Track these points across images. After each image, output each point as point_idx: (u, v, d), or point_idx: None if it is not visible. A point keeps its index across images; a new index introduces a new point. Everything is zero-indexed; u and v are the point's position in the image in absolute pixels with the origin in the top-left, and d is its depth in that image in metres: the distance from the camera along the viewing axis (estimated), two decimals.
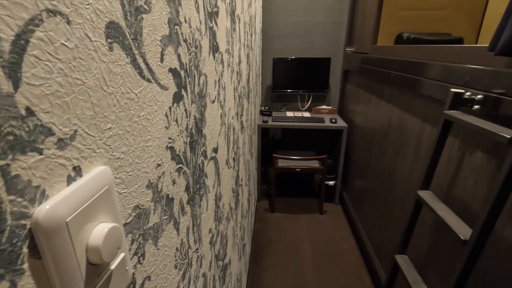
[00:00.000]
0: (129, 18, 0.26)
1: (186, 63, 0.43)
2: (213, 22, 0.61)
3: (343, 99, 2.61)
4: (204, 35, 0.54)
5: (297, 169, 2.22)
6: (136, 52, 0.28)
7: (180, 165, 0.42)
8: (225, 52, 0.77)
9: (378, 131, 1.78)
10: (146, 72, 0.30)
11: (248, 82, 1.44)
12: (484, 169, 0.87)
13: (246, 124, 1.40)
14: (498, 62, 0.82)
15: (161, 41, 0.34)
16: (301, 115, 2.50)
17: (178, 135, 0.41)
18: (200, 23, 0.51)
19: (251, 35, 1.53)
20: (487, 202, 0.71)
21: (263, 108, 2.49)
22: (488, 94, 0.83)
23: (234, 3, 0.89)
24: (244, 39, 1.23)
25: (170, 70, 0.37)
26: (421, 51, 1.28)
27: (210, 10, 0.58)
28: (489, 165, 0.86)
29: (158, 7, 0.33)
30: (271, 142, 2.85)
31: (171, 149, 0.38)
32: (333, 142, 2.68)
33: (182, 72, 0.42)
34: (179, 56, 0.40)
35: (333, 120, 2.31)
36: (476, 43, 2.34)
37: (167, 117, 0.37)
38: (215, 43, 0.63)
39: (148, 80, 0.31)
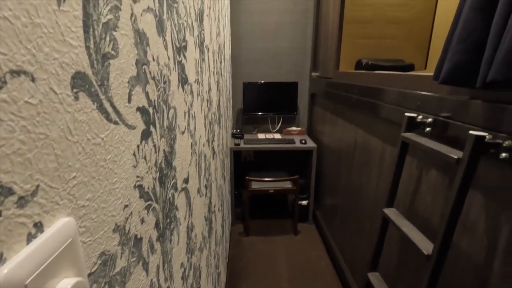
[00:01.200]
0: (96, 66, 0.27)
1: (154, 100, 0.44)
2: (182, 56, 0.63)
3: (312, 120, 2.73)
4: (173, 69, 0.55)
5: (270, 191, 2.24)
6: (103, 97, 0.28)
7: (149, 202, 0.42)
8: (195, 82, 0.79)
9: (345, 151, 1.87)
10: (113, 115, 0.30)
11: (219, 108, 1.46)
12: (439, 186, 0.95)
13: (218, 149, 1.40)
14: (443, 89, 0.92)
15: (128, 82, 0.34)
16: (272, 136, 2.56)
17: (146, 172, 0.41)
18: (169, 59, 0.52)
19: (221, 62, 1.58)
20: (443, 217, 0.77)
21: (234, 131, 2.52)
22: (437, 117, 0.92)
23: (202, 35, 0.92)
24: (214, 67, 1.26)
25: (138, 109, 0.37)
26: (378, 77, 1.39)
27: (178, 45, 0.60)
28: (443, 182, 0.93)
29: (125, 50, 0.33)
30: (244, 164, 2.85)
31: (140, 187, 0.38)
32: (304, 162, 2.75)
33: (150, 109, 0.42)
34: (147, 94, 0.41)
35: (303, 141, 2.38)
36: (425, 68, 2.60)
37: (135, 155, 0.36)
38: (184, 76, 0.65)
39: (115, 123, 0.31)
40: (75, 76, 0.24)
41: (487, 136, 0.69)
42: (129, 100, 0.35)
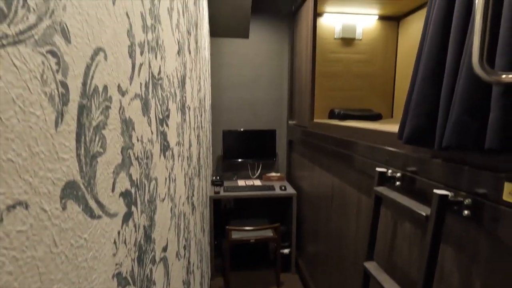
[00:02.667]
0: (84, 169, 0.29)
1: (137, 178, 0.45)
2: (164, 125, 0.66)
3: (290, 166, 2.79)
4: (156, 141, 0.58)
5: (251, 240, 2.18)
6: (88, 196, 0.29)
7: (127, 287, 0.40)
8: (176, 145, 0.81)
9: (324, 198, 1.90)
10: (96, 211, 0.31)
11: (199, 160, 1.48)
12: (414, 238, 0.98)
13: (197, 202, 1.38)
14: (407, 146, 1.01)
15: (114, 171, 0.36)
16: (252, 183, 2.56)
17: (126, 256, 0.40)
18: (152, 133, 0.55)
19: (201, 115, 1.63)
20: (420, 270, 0.78)
21: (214, 178, 2.50)
22: (404, 173, 0.98)
23: (184, 98, 0.97)
24: (195, 122, 1.30)
25: (121, 194, 0.38)
26: (350, 130, 1.49)
27: (161, 117, 0.63)
28: (417, 234, 0.97)
29: (112, 143, 0.36)
30: (224, 211, 2.79)
31: (118, 275, 0.37)
32: (285, 208, 2.74)
33: (133, 189, 0.43)
34: (130, 176, 0.42)
35: (283, 188, 2.41)
36: (392, 117, 2.82)
37: (116, 243, 0.36)
38: (166, 143, 0.67)
39: (98, 217, 0.32)
40: (65, 187, 0.25)
41: (449, 195, 0.75)
42: (113, 189, 0.36)
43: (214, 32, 2.52)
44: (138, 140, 0.46)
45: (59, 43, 0.24)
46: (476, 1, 0.58)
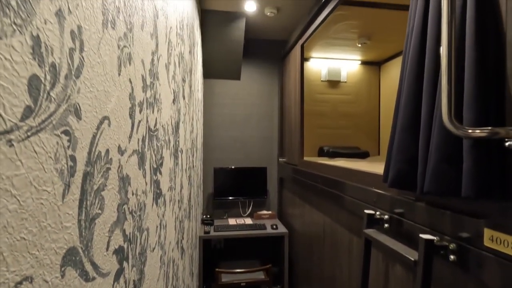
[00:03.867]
0: (83, 233, 0.30)
1: (130, 233, 0.46)
2: (158, 173, 0.68)
3: (282, 204, 2.78)
4: (149, 191, 0.59)
5: (242, 284, 2.08)
6: (85, 260, 0.31)
7: None
8: (168, 190, 0.82)
9: (316, 238, 1.88)
10: (91, 273, 0.32)
11: (190, 201, 1.47)
12: (405, 281, 0.98)
13: (187, 245, 1.35)
14: (393, 189, 1.04)
15: (109, 230, 0.37)
16: (243, 222, 2.52)
17: None
18: (146, 184, 0.57)
19: (193, 155, 1.66)
20: None
21: (204, 217, 2.46)
22: (392, 215, 1.01)
23: (177, 143, 1.00)
24: (186, 164, 1.32)
25: (115, 251, 0.39)
26: (339, 170, 1.54)
27: (155, 166, 0.65)
28: (408, 277, 0.97)
29: (109, 202, 0.37)
30: (214, 251, 2.69)
31: None
32: (276, 248, 2.67)
33: (125, 245, 0.44)
34: (124, 231, 0.43)
35: (274, 226, 2.37)
36: (379, 154, 2.91)
37: None
38: (158, 191, 0.69)
39: (92, 279, 0.32)
40: (65, 254, 0.26)
41: (435, 239, 0.77)
42: (107, 248, 0.37)
43: (207, 74, 2.65)
44: (133, 194, 0.48)
45: (71, 122, 0.27)
46: (442, 65, 0.65)
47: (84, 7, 0.29)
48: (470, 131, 0.59)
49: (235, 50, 2.43)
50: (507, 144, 0.59)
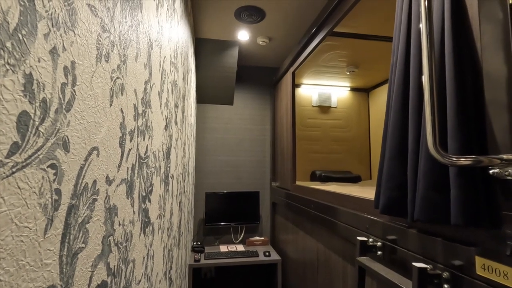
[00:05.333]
0: (64, 269, 0.29)
1: (114, 266, 0.44)
2: (147, 201, 0.67)
3: (274, 230, 2.72)
4: (137, 221, 0.58)
5: None
6: None
7: None
8: (157, 218, 0.80)
9: (309, 265, 1.83)
10: None
11: (180, 228, 1.43)
12: None
13: (175, 275, 1.29)
14: (385, 215, 1.04)
15: (92, 264, 0.36)
16: (235, 248, 2.45)
17: None
18: (134, 213, 0.55)
19: (184, 179, 1.64)
20: None
21: (195, 244, 2.38)
22: (384, 242, 1.00)
23: (168, 169, 1.00)
24: (177, 189, 1.30)
25: (97, 287, 0.38)
26: (332, 196, 1.53)
27: (144, 194, 0.64)
28: None
29: (94, 235, 0.36)
30: (204, 280, 2.58)
31: None
32: (269, 276, 2.58)
33: (109, 279, 0.42)
34: (108, 265, 0.41)
35: (267, 253, 2.31)
36: (370, 179, 2.92)
37: None
38: (146, 219, 0.67)
39: None
40: None
41: (428, 268, 0.76)
42: (89, 284, 0.35)
43: (200, 99, 2.69)
44: (119, 224, 0.46)
45: (59, 155, 0.27)
46: (425, 96, 0.68)
47: (79, 43, 0.31)
48: (454, 159, 0.61)
49: (228, 76, 2.49)
50: (491, 172, 0.60)
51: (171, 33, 0.98)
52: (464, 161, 0.60)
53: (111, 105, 0.41)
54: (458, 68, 0.69)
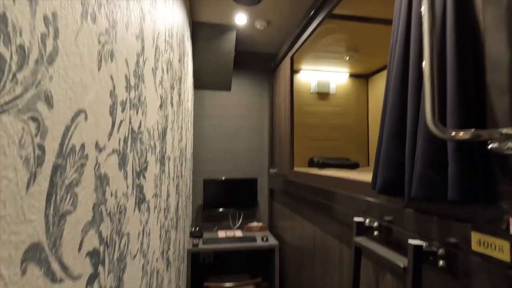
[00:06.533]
0: (51, 229, 0.28)
1: (107, 236, 0.44)
2: (141, 178, 0.66)
3: (272, 216, 2.74)
4: (131, 195, 0.57)
5: None
6: (51, 258, 0.28)
7: None
8: (153, 197, 0.80)
9: (306, 250, 1.85)
10: (59, 274, 0.30)
11: (177, 211, 1.43)
12: None
13: (173, 257, 1.30)
14: (382, 196, 1.04)
15: (82, 230, 0.35)
16: (233, 234, 2.47)
17: None
18: (127, 187, 0.55)
19: (181, 164, 1.63)
20: None
21: (193, 229, 2.40)
22: (381, 222, 1.00)
23: (164, 149, 0.99)
24: (174, 172, 1.29)
25: (88, 253, 0.37)
26: (329, 180, 1.53)
27: (138, 169, 0.63)
28: (398, 287, 0.95)
29: (84, 200, 0.35)
30: (203, 265, 2.61)
31: None
32: (267, 261, 2.61)
33: (101, 248, 0.41)
34: (100, 233, 0.41)
35: (264, 238, 2.33)
36: (368, 165, 2.93)
37: None
38: (141, 196, 0.66)
39: (60, 281, 0.30)
40: (27, 250, 0.25)
41: (424, 245, 0.76)
42: (80, 248, 0.35)
43: (198, 84, 2.65)
44: (112, 195, 0.46)
45: (41, 109, 0.26)
46: (425, 71, 0.67)
47: None
48: (453, 133, 0.60)
49: (225, 62, 2.46)
50: (489, 146, 0.59)
51: (166, 11, 0.95)
52: (463, 135, 0.59)
53: (99, 69, 0.39)
54: (459, 44, 0.67)
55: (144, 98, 0.67)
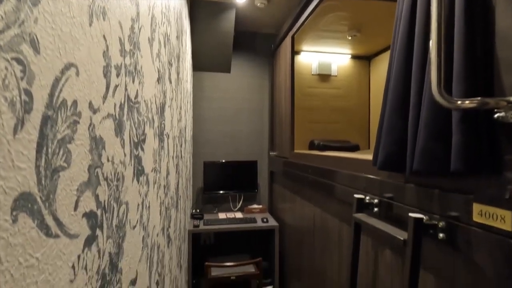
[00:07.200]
0: (43, 182, 0.27)
1: (104, 200, 0.43)
2: (139, 149, 0.65)
3: (272, 198, 2.76)
4: (129, 164, 0.56)
5: (232, 277, 2.06)
6: (45, 212, 0.28)
7: None
8: (152, 171, 0.79)
9: (306, 230, 1.87)
10: (54, 229, 0.29)
11: (177, 191, 1.43)
12: (394, 266, 0.97)
13: (174, 235, 1.31)
14: (383, 173, 1.03)
15: (78, 189, 0.34)
16: (233, 216, 2.49)
17: (85, 284, 0.37)
18: (125, 156, 0.53)
19: (181, 145, 1.62)
20: None
21: (194, 211, 2.42)
22: (381, 199, 1.00)
23: (163, 125, 0.97)
24: (174, 151, 1.28)
25: (85, 214, 0.36)
26: (330, 159, 1.53)
27: (136, 140, 0.62)
28: (397, 262, 0.96)
29: (78, 159, 0.34)
30: (203, 247, 2.66)
31: None
32: (267, 242, 2.65)
33: (99, 211, 0.41)
34: (97, 196, 0.40)
35: (265, 220, 2.35)
36: (369, 148, 2.92)
37: (74, 268, 0.34)
38: (140, 168, 0.65)
39: (56, 236, 0.29)
40: (18, 198, 0.24)
41: (424, 218, 0.76)
42: (76, 208, 0.34)
43: (197, 66, 2.60)
44: (108, 160, 0.44)
45: (26, 52, 0.25)
46: (431, 38, 0.64)
47: None
48: (459, 102, 0.58)
49: (225, 42, 2.40)
50: (496, 116, 0.58)
51: None
52: (469, 103, 0.58)
53: (90, 25, 0.37)
54: (468, 11, 0.64)
55: (140, 68, 0.65)
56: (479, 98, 0.57)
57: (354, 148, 2.57)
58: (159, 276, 0.92)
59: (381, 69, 2.75)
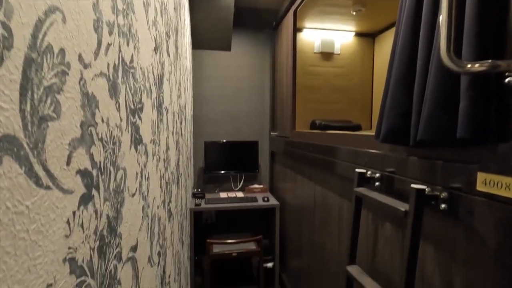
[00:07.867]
0: (29, 128, 0.26)
1: (100, 161, 0.42)
2: (137, 117, 0.63)
3: (273, 178, 2.77)
4: (125, 130, 0.55)
5: (233, 254, 2.10)
6: (34, 160, 0.26)
7: (83, 278, 0.36)
8: (150, 142, 0.78)
9: (306, 208, 1.88)
10: (44, 179, 0.28)
11: (178, 167, 1.43)
12: (394, 239, 0.97)
13: (175, 210, 1.32)
14: (385, 147, 1.02)
15: (69, 144, 0.33)
16: (234, 195, 2.51)
17: (82, 242, 0.36)
18: (121, 120, 0.52)
19: (181, 122, 1.60)
20: (401, 272, 0.77)
21: (195, 190, 2.44)
22: (383, 172, 0.99)
23: (161, 98, 0.95)
24: (173, 127, 1.27)
25: (79, 171, 0.35)
26: (331, 137, 1.51)
27: (133, 107, 0.60)
28: (397, 235, 0.96)
29: (69, 113, 0.33)
30: (205, 225, 2.70)
31: (71, 260, 0.33)
32: (268, 221, 2.69)
33: (94, 171, 0.40)
34: (91, 155, 0.39)
35: (265, 199, 2.37)
36: (371, 128, 2.90)
37: (69, 223, 0.33)
38: (138, 136, 0.64)
39: (47, 187, 0.28)
40: (1, 139, 0.22)
41: (426, 189, 0.76)
42: (68, 163, 0.33)
43: (196, 44, 2.54)
44: (103, 121, 0.43)
45: None
46: (442, 1, 0.61)
47: None
48: (469, 65, 0.56)
49: (224, 18, 2.32)
50: (506, 80, 0.55)
51: None
52: (478, 67, 0.55)
53: None
54: None
55: (135, 32, 0.62)
56: (489, 61, 0.54)
57: (356, 128, 2.55)
58: (161, 248, 0.93)
59: (385, 47, 2.68)
